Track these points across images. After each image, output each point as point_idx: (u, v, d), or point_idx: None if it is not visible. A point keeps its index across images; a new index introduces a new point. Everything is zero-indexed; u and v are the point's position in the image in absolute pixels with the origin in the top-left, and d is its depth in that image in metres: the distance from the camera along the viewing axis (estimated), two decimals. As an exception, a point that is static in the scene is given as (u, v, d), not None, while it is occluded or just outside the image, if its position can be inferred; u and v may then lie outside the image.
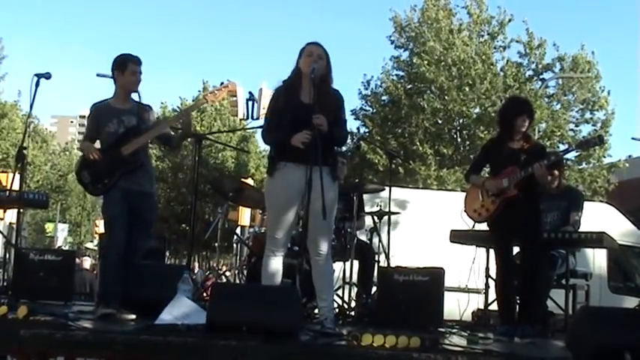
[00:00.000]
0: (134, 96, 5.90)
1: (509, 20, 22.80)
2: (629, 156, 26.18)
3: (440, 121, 22.20)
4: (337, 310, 6.30)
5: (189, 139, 6.85)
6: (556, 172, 6.99)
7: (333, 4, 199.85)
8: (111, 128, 5.65)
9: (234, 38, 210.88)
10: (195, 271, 15.73)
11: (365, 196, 7.77)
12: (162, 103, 32.51)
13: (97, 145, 5.76)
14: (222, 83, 6.05)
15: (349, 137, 22.96)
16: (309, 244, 5.04)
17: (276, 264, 5.06)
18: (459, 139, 22.35)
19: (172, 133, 6.11)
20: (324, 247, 5.04)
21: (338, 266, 7.05)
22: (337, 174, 5.22)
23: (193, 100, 32.53)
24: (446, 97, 21.35)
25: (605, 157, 22.50)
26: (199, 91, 33.24)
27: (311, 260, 5.15)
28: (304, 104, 4.98)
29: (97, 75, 22.40)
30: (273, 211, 5.11)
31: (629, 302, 10.36)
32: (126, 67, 5.69)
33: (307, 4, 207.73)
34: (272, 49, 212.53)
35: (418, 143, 21.36)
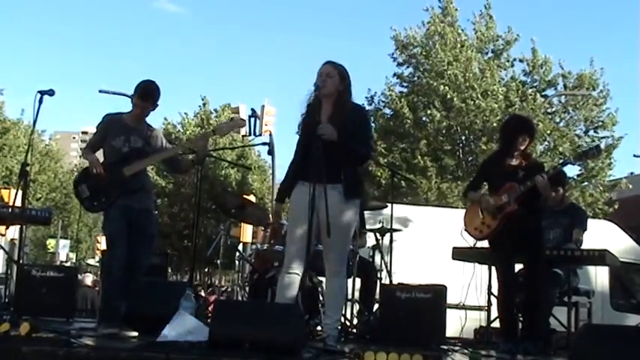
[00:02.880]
0: None
1: (515, 40, 22.85)
2: (631, 173, 26.17)
3: (442, 137, 22.18)
4: (339, 327, 6.29)
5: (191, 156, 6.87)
6: (560, 190, 7.00)
7: (335, 22, 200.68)
8: (117, 143, 5.70)
9: (236, 55, 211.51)
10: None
11: (366, 213, 7.77)
12: (164, 119, 32.62)
13: (100, 155, 5.79)
14: (231, 119, 6.13)
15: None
16: (325, 262, 5.07)
17: (287, 281, 5.02)
18: (461, 155, 22.35)
19: (180, 157, 6.15)
20: (334, 265, 5.04)
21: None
22: (354, 191, 5.09)
23: (195, 115, 32.71)
24: (450, 113, 21.36)
25: (607, 177, 22.41)
26: (200, 106, 33.41)
27: (325, 277, 5.17)
28: (317, 122, 4.98)
29: (100, 91, 22.46)
30: (288, 228, 5.19)
31: (632, 320, 10.32)
32: (133, 98, 5.79)
33: (311, 22, 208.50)
34: (275, 66, 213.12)
35: (419, 157, 21.36)
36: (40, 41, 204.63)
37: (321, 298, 6.31)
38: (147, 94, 5.77)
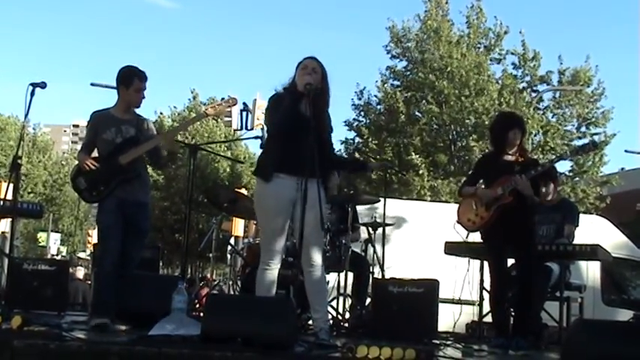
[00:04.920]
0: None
1: (505, 32, 22.84)
2: (622, 168, 26.25)
3: (436, 128, 22.18)
4: (331, 321, 6.29)
5: (182, 152, 6.83)
6: (551, 185, 7.00)
7: (327, 16, 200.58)
8: (108, 136, 5.67)
9: (228, 49, 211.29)
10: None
11: (359, 208, 7.76)
12: (160, 113, 32.56)
13: (94, 154, 5.77)
14: (223, 99, 6.10)
15: (344, 146, 22.81)
16: (303, 256, 5.02)
17: (270, 276, 5.01)
18: (453, 150, 22.33)
19: (165, 152, 6.12)
20: (318, 258, 5.00)
21: (332, 278, 7.05)
22: (327, 185, 5.19)
23: (185, 109, 32.64)
24: (443, 106, 21.34)
25: (598, 172, 22.45)
26: (189, 99, 33.37)
27: (304, 272, 5.12)
28: (302, 115, 4.93)
29: (91, 84, 22.37)
30: (267, 223, 5.06)
31: (623, 315, 10.38)
32: (131, 83, 5.72)
33: (301, 16, 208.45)
34: (266, 60, 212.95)
35: (413, 153, 21.31)
36: (30, 34, 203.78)
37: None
38: (143, 73, 5.76)
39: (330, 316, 6.00)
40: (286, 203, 4.91)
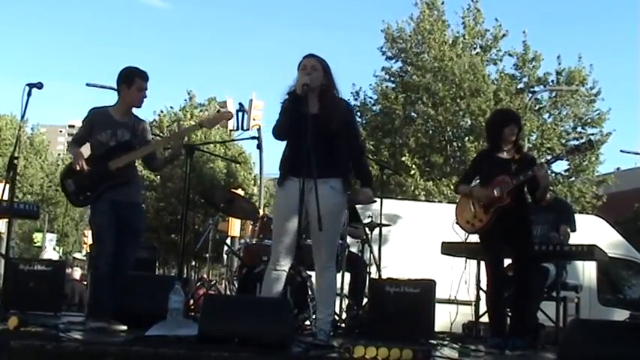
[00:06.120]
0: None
1: (504, 35, 22.84)
2: (618, 168, 26.32)
3: (431, 130, 22.19)
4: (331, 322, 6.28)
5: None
6: None
7: (323, 15, 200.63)
8: (103, 137, 5.65)
9: (222, 49, 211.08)
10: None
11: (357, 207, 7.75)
12: (159, 112, 32.57)
13: (87, 149, 5.75)
14: (218, 111, 6.10)
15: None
16: (314, 257, 5.04)
17: (275, 276, 5.01)
18: (449, 150, 22.35)
19: (158, 155, 6.11)
20: (325, 259, 5.01)
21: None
22: (346, 186, 5.07)
23: (180, 109, 32.65)
24: (439, 107, 21.35)
25: (594, 172, 22.48)
26: (185, 100, 33.39)
27: (315, 272, 5.14)
28: (304, 116, 4.86)
29: (87, 85, 22.33)
30: (276, 225, 5.13)
31: (619, 315, 10.39)
32: (133, 83, 5.69)
33: (297, 15, 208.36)
34: (262, 60, 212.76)
35: (407, 154, 21.32)
36: (25, 34, 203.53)
37: (310, 292, 6.30)
38: (144, 72, 5.76)
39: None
40: (294, 206, 4.88)
